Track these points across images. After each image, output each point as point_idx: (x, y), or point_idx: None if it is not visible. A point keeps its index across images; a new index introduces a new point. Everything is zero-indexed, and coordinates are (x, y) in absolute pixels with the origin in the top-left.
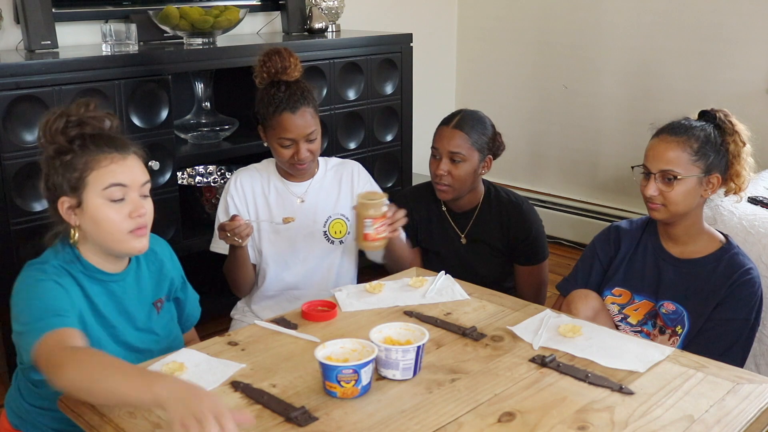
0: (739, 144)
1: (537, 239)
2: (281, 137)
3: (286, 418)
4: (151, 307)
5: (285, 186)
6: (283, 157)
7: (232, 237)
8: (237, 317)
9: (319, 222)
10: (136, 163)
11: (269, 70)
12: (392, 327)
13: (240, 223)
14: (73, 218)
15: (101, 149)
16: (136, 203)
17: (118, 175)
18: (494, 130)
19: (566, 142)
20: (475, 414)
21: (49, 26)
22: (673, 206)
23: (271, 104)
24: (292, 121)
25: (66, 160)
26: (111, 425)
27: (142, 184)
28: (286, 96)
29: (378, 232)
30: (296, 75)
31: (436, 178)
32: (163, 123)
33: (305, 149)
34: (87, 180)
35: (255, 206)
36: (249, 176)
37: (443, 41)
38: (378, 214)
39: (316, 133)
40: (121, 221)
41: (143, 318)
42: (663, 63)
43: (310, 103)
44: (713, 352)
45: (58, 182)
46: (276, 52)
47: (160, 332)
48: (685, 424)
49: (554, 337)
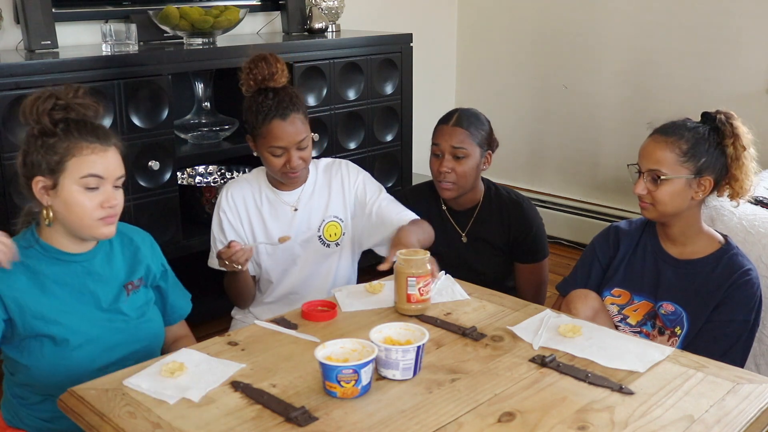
0: (739, 148)
1: (537, 237)
2: (272, 146)
3: (286, 418)
4: (121, 289)
5: (276, 196)
6: (275, 167)
7: (231, 264)
8: (238, 317)
9: (313, 228)
10: (115, 156)
11: (256, 77)
12: (392, 327)
13: (237, 250)
14: (46, 198)
15: (84, 137)
16: (109, 194)
17: (97, 166)
18: (489, 125)
19: (566, 142)
20: (475, 414)
21: (49, 26)
22: (661, 206)
23: (260, 112)
24: (282, 129)
25: (48, 142)
26: (111, 425)
27: (117, 177)
28: (275, 103)
29: (422, 293)
30: (283, 81)
31: (439, 176)
32: (163, 123)
33: (297, 157)
34: (66, 165)
35: (249, 219)
36: (240, 189)
37: (443, 41)
38: (422, 272)
39: (307, 140)
40: (93, 209)
41: (109, 299)
42: (663, 63)
43: (299, 109)
44: (713, 353)
45: (36, 161)
46: (262, 59)
47: (129, 313)
48: (685, 424)
49: (554, 337)
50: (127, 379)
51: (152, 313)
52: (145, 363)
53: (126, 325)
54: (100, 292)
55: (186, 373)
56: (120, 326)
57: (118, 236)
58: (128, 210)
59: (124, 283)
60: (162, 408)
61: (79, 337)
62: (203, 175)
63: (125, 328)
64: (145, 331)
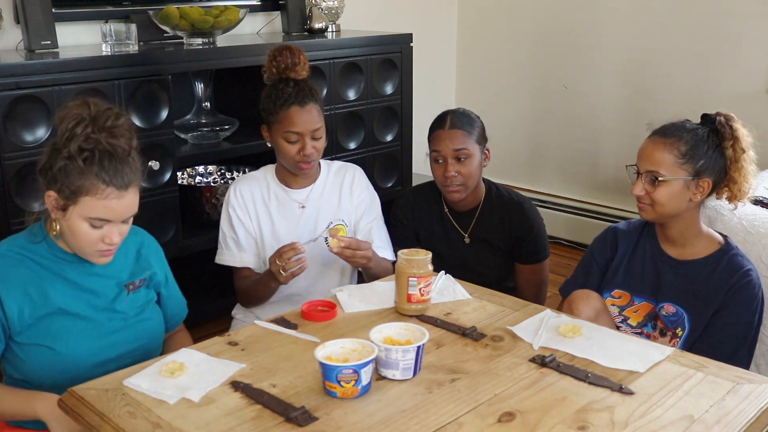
0: (738, 150)
1: (538, 237)
2: (288, 131)
3: (286, 418)
4: (122, 288)
5: (285, 193)
6: (289, 154)
7: (280, 267)
8: (239, 317)
9: (320, 228)
10: (131, 198)
11: (278, 65)
12: (392, 327)
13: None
14: (54, 212)
15: (102, 178)
16: (112, 233)
17: (107, 211)
18: (480, 120)
19: (566, 142)
20: (475, 414)
21: (49, 26)
22: (659, 207)
23: (279, 99)
24: (299, 115)
25: (69, 166)
26: (111, 425)
27: (126, 218)
28: (295, 92)
29: (423, 293)
30: (304, 74)
31: (446, 182)
32: (163, 123)
33: (311, 146)
34: (78, 200)
35: (256, 214)
36: (248, 184)
37: (443, 41)
38: (423, 272)
39: (322, 131)
40: (93, 242)
41: (108, 298)
42: (663, 63)
43: (317, 101)
44: (720, 356)
45: (54, 176)
46: (286, 48)
47: (128, 312)
48: (685, 424)
49: (554, 337)
50: (127, 379)
51: (151, 312)
52: (145, 363)
53: (124, 323)
54: (100, 290)
55: (186, 373)
56: (118, 324)
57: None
58: None
59: (126, 283)
60: (162, 408)
61: (75, 333)
62: (203, 175)
63: (123, 327)
64: (142, 330)
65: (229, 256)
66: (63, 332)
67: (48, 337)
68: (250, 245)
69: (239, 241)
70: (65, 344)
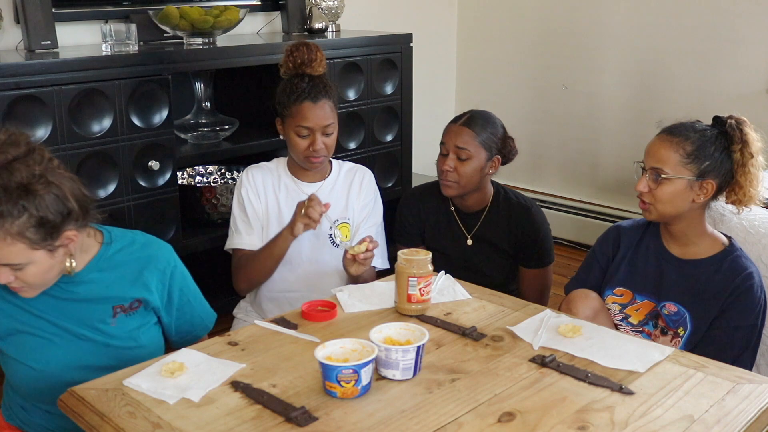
0: (746, 155)
1: (544, 242)
2: (299, 125)
3: (286, 418)
4: (108, 309)
5: (296, 185)
6: (299, 148)
7: (307, 214)
8: (240, 316)
9: (324, 225)
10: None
11: (295, 60)
12: (392, 327)
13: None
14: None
15: None
16: None
17: None
18: (505, 132)
19: (566, 142)
20: (475, 414)
21: (49, 26)
22: (660, 205)
23: (293, 93)
24: (311, 111)
25: None
26: (111, 425)
27: None
28: (309, 87)
29: (423, 293)
30: (320, 70)
31: (442, 174)
32: (163, 123)
33: (321, 141)
34: None
35: (266, 199)
36: (260, 172)
37: (443, 41)
38: (423, 272)
39: (333, 128)
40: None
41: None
42: (663, 63)
43: (331, 97)
44: (725, 360)
45: None
46: (303, 44)
47: (116, 335)
48: (685, 424)
49: (554, 337)
50: (127, 379)
51: (146, 338)
52: (145, 363)
53: (106, 349)
54: (82, 312)
55: (186, 373)
56: (101, 351)
57: (128, 245)
58: (128, 210)
59: (113, 305)
60: (162, 408)
61: (49, 349)
62: (203, 175)
63: (105, 353)
64: (131, 360)
65: (238, 239)
66: (36, 349)
67: (22, 353)
68: (258, 228)
69: (249, 223)
70: (38, 361)
